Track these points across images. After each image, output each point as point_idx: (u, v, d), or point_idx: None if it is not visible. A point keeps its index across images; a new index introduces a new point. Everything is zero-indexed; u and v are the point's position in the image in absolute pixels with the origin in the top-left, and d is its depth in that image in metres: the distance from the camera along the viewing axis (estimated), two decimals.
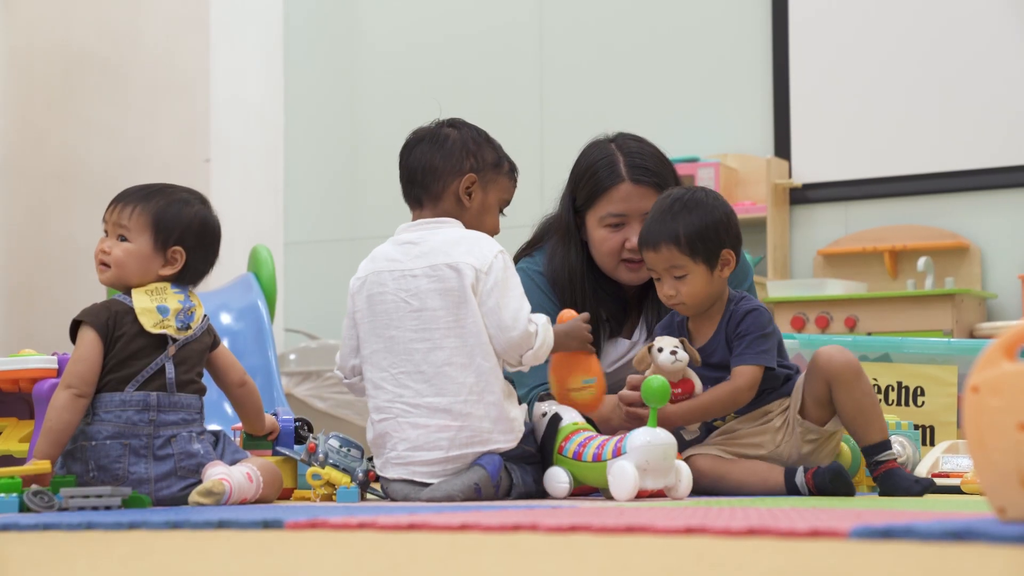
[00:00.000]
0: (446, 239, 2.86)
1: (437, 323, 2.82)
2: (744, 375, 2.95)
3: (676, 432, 2.93)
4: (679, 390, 2.94)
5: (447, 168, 2.92)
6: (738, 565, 1.38)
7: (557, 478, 2.85)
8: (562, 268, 3.26)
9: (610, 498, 2.73)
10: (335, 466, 2.92)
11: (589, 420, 2.98)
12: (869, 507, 2.31)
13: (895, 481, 2.90)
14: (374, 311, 2.89)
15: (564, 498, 2.84)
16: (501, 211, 3.02)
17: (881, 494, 2.91)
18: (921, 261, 5.17)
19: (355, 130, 6.46)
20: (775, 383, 3.02)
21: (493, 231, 2.97)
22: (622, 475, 2.68)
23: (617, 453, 2.73)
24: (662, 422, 2.81)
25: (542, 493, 2.88)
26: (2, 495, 2.53)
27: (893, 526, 1.55)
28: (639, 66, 5.94)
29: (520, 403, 3.05)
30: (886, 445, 2.95)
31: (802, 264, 5.52)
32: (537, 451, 2.90)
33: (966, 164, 5.41)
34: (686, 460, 2.94)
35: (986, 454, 1.61)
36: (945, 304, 5.06)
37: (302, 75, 6.54)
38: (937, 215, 5.41)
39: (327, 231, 6.43)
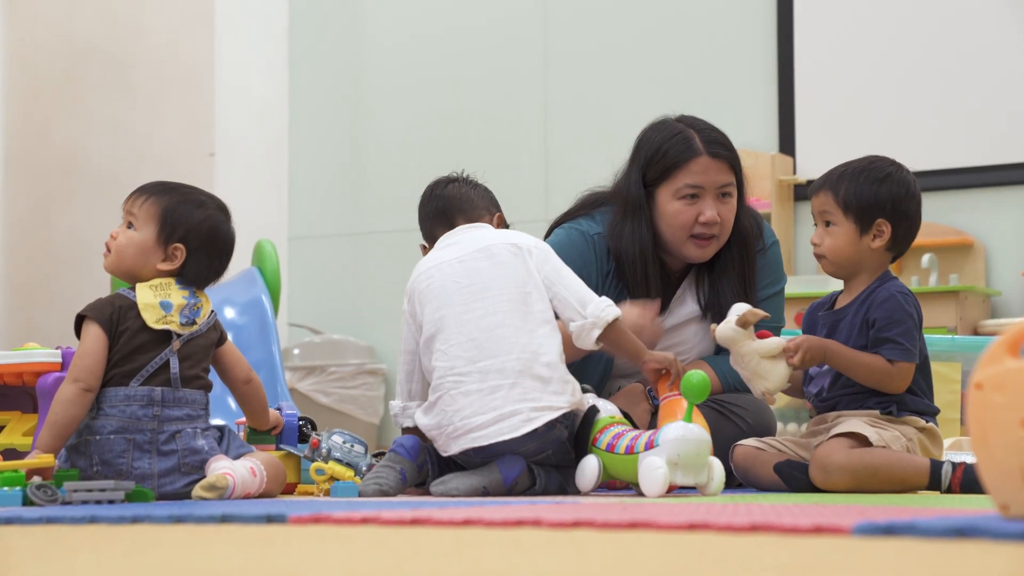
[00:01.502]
0: (487, 233, 2.99)
1: (489, 291, 2.87)
2: (902, 368, 2.89)
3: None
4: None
5: (482, 204, 3.08)
6: (740, 561, 1.38)
7: (588, 466, 2.82)
8: (632, 243, 3.29)
9: (640, 494, 2.73)
10: (339, 461, 2.92)
11: (627, 415, 2.97)
12: (873, 504, 2.31)
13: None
14: (423, 303, 2.92)
15: (592, 490, 2.82)
16: None
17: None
18: (925, 258, 5.16)
19: (359, 124, 6.45)
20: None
21: None
22: (652, 470, 2.67)
23: (650, 446, 2.71)
24: (821, 346, 2.90)
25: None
26: (5, 489, 2.53)
27: (896, 523, 1.55)
28: (642, 62, 5.94)
29: None
30: (937, 469, 2.84)
31: (806, 260, 5.51)
32: (571, 451, 2.87)
33: (971, 161, 5.40)
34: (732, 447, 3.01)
35: (989, 451, 1.61)
36: (949, 301, 5.05)
37: (306, 69, 6.54)
38: (942, 212, 5.39)
39: (331, 226, 6.42)
